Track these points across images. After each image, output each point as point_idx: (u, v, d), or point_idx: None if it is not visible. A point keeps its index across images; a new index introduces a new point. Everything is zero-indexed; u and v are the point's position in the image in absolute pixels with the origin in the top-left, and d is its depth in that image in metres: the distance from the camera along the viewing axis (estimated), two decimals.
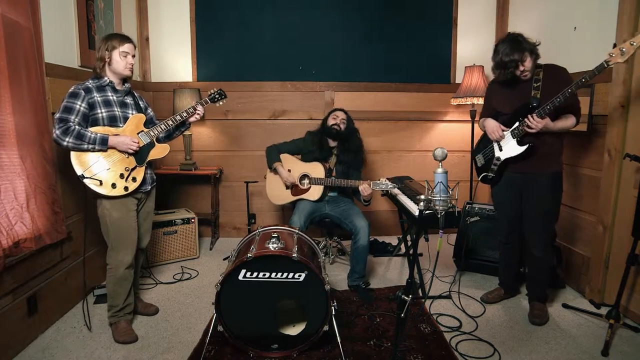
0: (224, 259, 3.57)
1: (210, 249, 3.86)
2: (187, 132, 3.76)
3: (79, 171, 2.21)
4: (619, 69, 2.54)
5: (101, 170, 2.24)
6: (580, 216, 2.93)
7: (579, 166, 2.91)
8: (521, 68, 2.34)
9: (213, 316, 2.17)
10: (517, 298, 2.86)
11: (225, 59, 3.96)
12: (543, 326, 2.50)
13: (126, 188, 2.30)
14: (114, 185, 2.26)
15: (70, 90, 2.25)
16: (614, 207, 2.64)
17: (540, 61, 2.41)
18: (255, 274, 2.09)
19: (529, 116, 2.30)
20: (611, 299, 2.51)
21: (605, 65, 2.06)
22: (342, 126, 3.18)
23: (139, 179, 2.36)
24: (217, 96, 2.69)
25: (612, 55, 2.04)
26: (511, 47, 2.30)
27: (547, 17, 3.30)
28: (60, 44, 2.64)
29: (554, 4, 3.22)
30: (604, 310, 2.48)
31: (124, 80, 2.41)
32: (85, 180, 2.21)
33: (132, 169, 2.33)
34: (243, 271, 2.09)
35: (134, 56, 2.36)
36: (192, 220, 3.61)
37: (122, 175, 2.29)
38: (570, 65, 2.82)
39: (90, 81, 2.32)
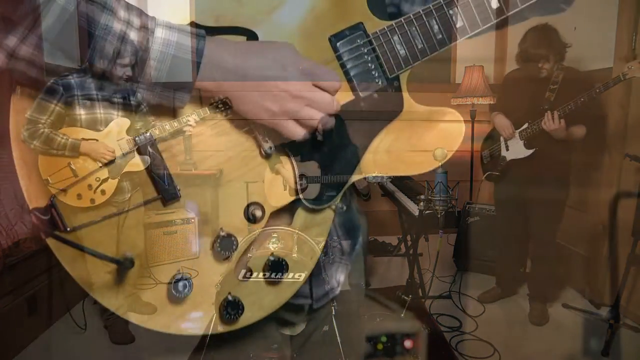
0: (224, 259, 3.57)
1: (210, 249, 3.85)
2: (186, 133, 3.77)
3: (43, 175, 2.16)
4: (619, 69, 2.53)
5: (68, 177, 2.21)
6: (580, 216, 2.93)
7: (579, 166, 2.91)
8: (539, 64, 2.31)
9: (213, 316, 2.16)
10: (516, 298, 2.86)
11: None
12: (543, 326, 2.49)
13: (92, 200, 2.23)
14: (79, 196, 2.21)
15: (47, 84, 2.19)
16: (614, 207, 2.64)
17: None
18: (255, 274, 2.09)
19: (549, 112, 2.23)
20: (611, 299, 2.51)
21: (622, 78, 2.03)
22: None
23: (109, 192, 2.27)
24: (220, 106, 2.60)
25: (631, 67, 2.00)
26: (540, 39, 2.29)
27: (547, 17, 3.29)
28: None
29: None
30: (604, 310, 2.48)
31: None
32: (49, 187, 2.17)
33: (104, 181, 2.26)
34: (243, 271, 2.08)
35: None
36: (192, 220, 3.60)
37: (90, 186, 2.22)
38: (570, 66, 2.83)
39: (75, 75, 2.26)
